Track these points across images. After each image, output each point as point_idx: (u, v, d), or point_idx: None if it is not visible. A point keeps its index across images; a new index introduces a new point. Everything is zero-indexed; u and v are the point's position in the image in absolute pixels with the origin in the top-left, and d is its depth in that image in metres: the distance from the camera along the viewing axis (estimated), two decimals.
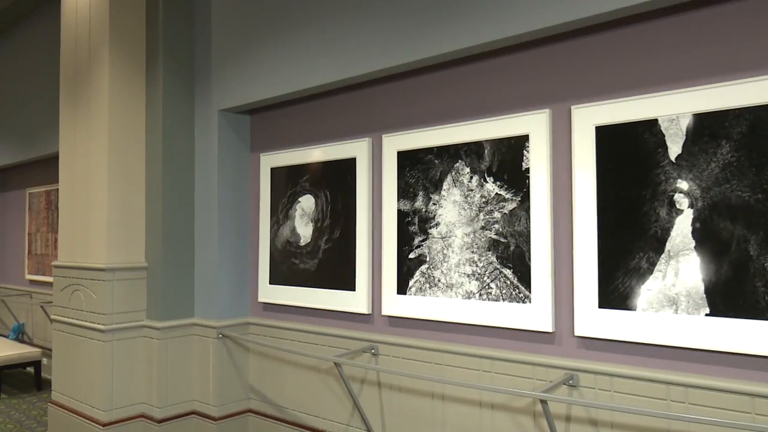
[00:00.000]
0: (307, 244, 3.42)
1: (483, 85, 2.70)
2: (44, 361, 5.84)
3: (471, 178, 2.68)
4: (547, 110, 2.45)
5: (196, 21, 3.83)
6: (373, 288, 3.10)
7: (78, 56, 3.95)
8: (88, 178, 3.80)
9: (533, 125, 2.49)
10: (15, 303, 6.58)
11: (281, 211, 3.58)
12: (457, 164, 2.74)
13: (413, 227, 2.90)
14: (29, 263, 6.39)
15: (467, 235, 2.68)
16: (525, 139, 2.51)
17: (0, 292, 6.97)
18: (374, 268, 3.10)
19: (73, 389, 3.85)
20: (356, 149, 3.18)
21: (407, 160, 2.94)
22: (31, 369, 6.15)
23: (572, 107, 2.36)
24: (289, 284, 3.50)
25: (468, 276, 2.67)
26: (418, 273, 2.86)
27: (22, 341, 6.25)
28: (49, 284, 5.94)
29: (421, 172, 2.88)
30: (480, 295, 2.62)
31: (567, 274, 2.40)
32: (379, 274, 3.07)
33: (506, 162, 2.57)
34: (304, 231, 3.44)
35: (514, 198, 2.53)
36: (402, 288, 2.92)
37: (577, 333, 2.31)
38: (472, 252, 2.66)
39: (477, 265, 2.64)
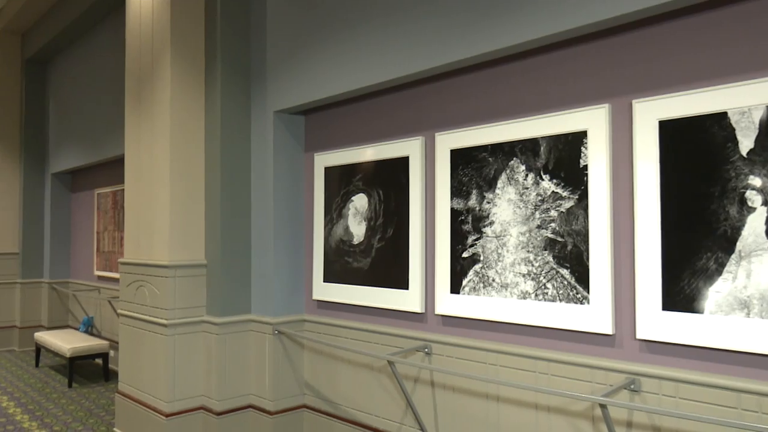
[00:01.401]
0: (360, 243, 3.44)
1: (539, 80, 2.64)
2: (111, 353, 6.13)
3: (526, 175, 2.63)
4: (606, 105, 2.37)
5: (251, 26, 3.92)
6: (426, 287, 3.09)
7: (142, 63, 4.11)
8: (152, 179, 3.95)
9: (592, 121, 2.41)
10: (85, 297, 6.93)
11: (335, 210, 3.62)
12: (512, 162, 2.68)
13: (467, 226, 2.86)
14: (97, 260, 6.71)
15: (522, 234, 2.63)
16: (583, 135, 2.43)
17: (71, 287, 7.36)
18: (427, 266, 3.09)
19: (138, 380, 4.02)
20: (409, 148, 3.17)
21: (460, 158, 2.90)
22: (99, 360, 6.46)
23: (634, 101, 2.27)
24: (342, 282, 3.53)
25: (523, 276, 2.61)
26: (471, 272, 2.83)
27: (91, 334, 6.57)
28: (116, 280, 6.22)
29: (474, 171, 2.84)
30: (536, 295, 2.56)
31: (628, 274, 2.31)
32: (432, 273, 3.06)
33: (563, 159, 2.50)
34: (357, 230, 3.46)
35: (571, 196, 2.46)
36: (455, 287, 2.90)
37: (638, 336, 2.22)
38: (528, 251, 2.60)
39: (533, 265, 2.58)
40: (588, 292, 2.39)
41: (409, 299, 3.13)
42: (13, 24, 7.34)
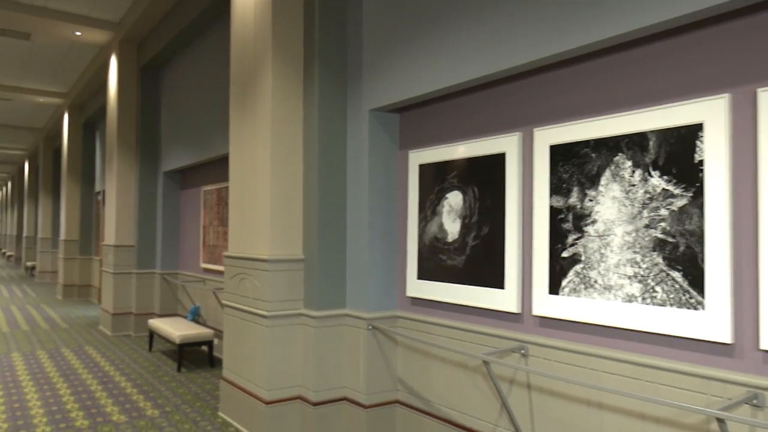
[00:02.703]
0: (454, 241, 3.41)
1: (646, 70, 2.48)
2: (216, 341, 6.49)
3: (633, 172, 2.49)
4: (725, 95, 2.19)
5: (348, 27, 3.99)
6: (522, 287, 3.01)
7: (245, 67, 4.31)
8: (254, 177, 4.14)
9: (709, 112, 2.24)
10: (192, 288, 7.39)
11: (429, 207, 3.61)
12: (617, 157, 2.55)
13: (567, 224, 2.76)
14: (203, 253, 7.13)
15: (628, 233, 2.49)
16: (698, 128, 2.27)
17: (180, 278, 7.88)
18: (524, 266, 3.01)
19: (240, 368, 4.23)
20: (506, 144, 3.10)
21: (560, 154, 2.80)
22: (205, 347, 6.87)
23: (758, 90, 2.08)
24: (436, 280, 3.52)
25: (629, 278, 2.48)
26: (572, 273, 2.72)
27: (197, 322, 7.00)
28: (220, 272, 6.59)
29: (575, 167, 2.73)
30: (643, 298, 2.42)
31: (750, 278, 2.13)
32: (530, 272, 2.97)
33: (675, 154, 2.34)
34: (452, 227, 3.43)
35: (684, 193, 2.30)
36: (554, 288, 2.80)
37: (763, 346, 2.04)
38: (634, 252, 2.46)
39: (640, 267, 2.44)
40: (703, 297, 2.22)
41: (504, 299, 3.07)
42: (130, 35, 7.95)
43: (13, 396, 4.98)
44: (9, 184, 31.10)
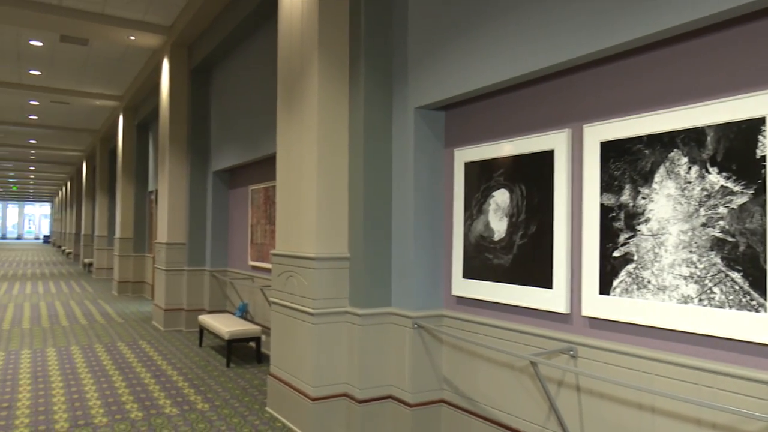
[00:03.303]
0: (501, 239, 3.37)
1: (704, 63, 2.39)
2: (263, 337, 6.61)
3: (689, 168, 2.40)
4: None
5: (393, 25, 4.00)
6: (571, 286, 2.95)
7: (292, 68, 4.37)
8: (300, 176, 4.19)
9: None
10: (240, 285, 7.56)
11: (475, 205, 3.58)
12: (672, 154, 2.46)
13: (618, 223, 2.68)
14: (251, 251, 7.28)
15: (684, 232, 2.40)
16: (760, 122, 2.16)
17: (229, 276, 8.07)
18: (573, 265, 2.94)
19: (287, 365, 4.30)
20: (554, 141, 3.04)
21: (612, 150, 2.73)
22: (253, 344, 7.01)
23: None
24: (482, 279, 3.49)
25: (685, 278, 2.39)
26: (623, 273, 2.65)
27: (245, 319, 7.15)
28: (268, 270, 6.71)
29: (628, 164, 2.65)
30: (699, 300, 2.33)
31: None
32: (579, 272, 2.91)
33: (735, 150, 2.24)
34: (498, 226, 3.39)
35: (745, 191, 2.20)
36: (605, 288, 2.73)
37: None
38: (690, 251, 2.37)
39: (696, 267, 2.35)
40: (765, 299, 2.12)
41: (552, 299, 3.01)
42: (181, 38, 8.19)
43: (72, 387, 5.21)
44: (68, 184, 32.54)
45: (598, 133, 2.79)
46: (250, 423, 4.29)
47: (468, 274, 3.60)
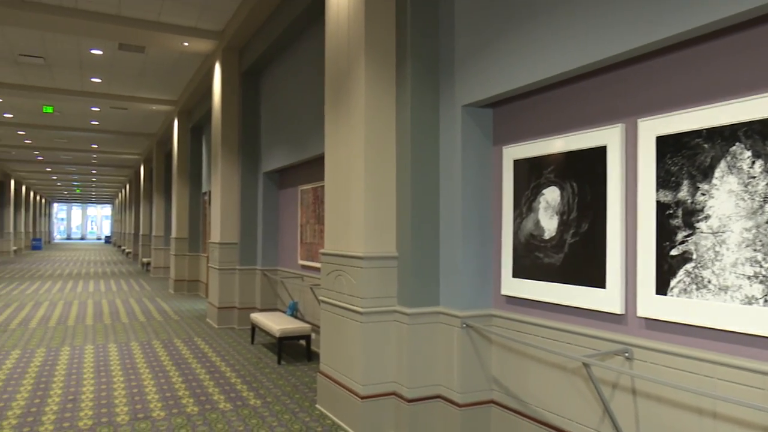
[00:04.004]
0: (551, 238, 3.30)
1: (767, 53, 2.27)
2: (313, 335, 6.70)
3: (753, 163, 2.28)
4: None
5: (440, 23, 3.98)
6: (626, 286, 2.86)
7: (339, 68, 4.41)
8: (348, 176, 4.23)
9: None
10: (290, 284, 7.68)
11: (524, 203, 3.52)
12: (734, 148, 2.35)
13: (676, 221, 2.58)
14: (301, 250, 7.39)
15: (747, 230, 2.29)
16: None
17: (279, 275, 8.21)
18: (628, 264, 2.85)
19: (336, 363, 4.34)
20: (607, 136, 2.95)
21: (668, 145, 2.63)
22: (303, 342, 7.12)
23: None
24: (532, 278, 3.42)
25: (749, 278, 2.28)
26: (681, 272, 2.55)
27: (296, 317, 7.26)
28: (317, 269, 6.79)
29: (685, 159, 2.55)
30: (765, 300, 2.22)
31: None
32: (634, 271, 2.81)
33: None
34: (549, 224, 3.32)
35: None
36: (662, 288, 2.63)
37: None
38: (755, 250, 2.26)
39: (761, 266, 2.24)
40: None
41: (606, 299, 2.92)
42: (232, 42, 8.39)
43: (132, 382, 5.42)
44: (127, 187, 33.90)
45: (654, 127, 2.69)
46: (300, 420, 4.35)
47: (518, 273, 3.54)
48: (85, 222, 65.97)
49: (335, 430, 4.11)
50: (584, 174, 3.09)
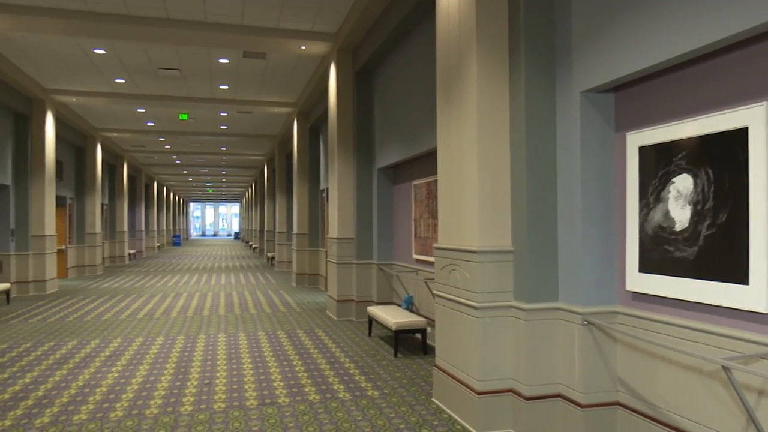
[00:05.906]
0: (683, 230, 3.05)
1: None
2: (428, 329, 6.74)
3: None
4: None
5: (555, 7, 3.81)
6: None
7: (450, 61, 4.38)
8: (461, 169, 4.19)
9: None
10: (405, 278, 7.78)
11: (651, 193, 3.28)
12: None
13: None
14: (415, 245, 7.44)
15: None
16: None
17: (394, 269, 8.34)
18: None
19: (451, 357, 4.33)
20: (748, 117, 2.67)
21: None
22: (418, 335, 7.18)
23: None
24: (661, 273, 3.19)
25: None
26: None
27: (411, 311, 7.34)
28: (431, 263, 6.81)
29: None
30: None
31: None
32: None
33: None
34: (680, 215, 3.07)
35: None
36: None
37: None
38: None
39: None
40: None
41: (748, 296, 2.65)
42: (346, 43, 8.63)
43: (260, 369, 5.78)
44: (253, 186, 36.16)
45: None
46: (417, 412, 4.40)
47: (644, 268, 3.31)
48: (217, 219, 71.28)
49: (452, 425, 4.11)
50: (721, 159, 2.81)
